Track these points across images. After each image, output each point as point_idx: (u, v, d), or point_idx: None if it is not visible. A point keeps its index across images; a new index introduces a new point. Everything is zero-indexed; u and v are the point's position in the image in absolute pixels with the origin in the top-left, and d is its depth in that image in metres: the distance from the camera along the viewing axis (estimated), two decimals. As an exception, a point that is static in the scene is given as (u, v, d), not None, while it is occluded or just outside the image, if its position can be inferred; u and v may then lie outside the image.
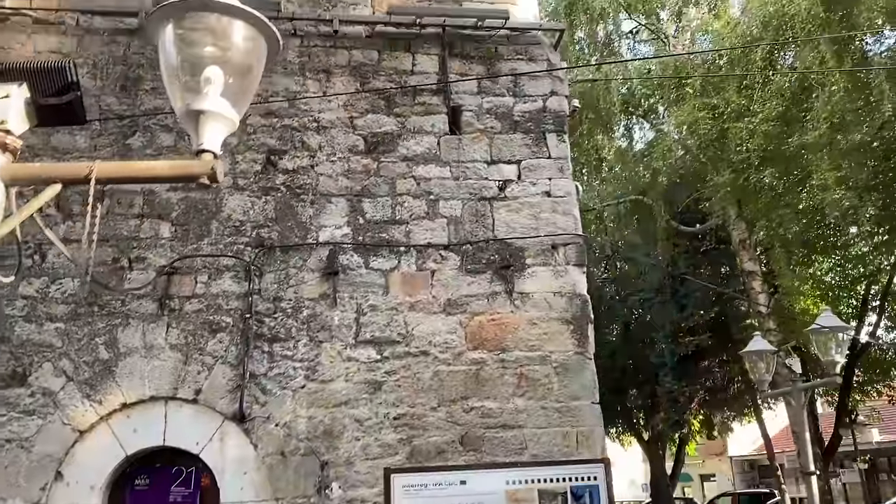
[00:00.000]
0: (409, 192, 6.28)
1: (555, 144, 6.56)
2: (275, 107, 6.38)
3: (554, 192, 6.42)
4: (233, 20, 2.86)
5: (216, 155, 2.74)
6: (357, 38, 6.72)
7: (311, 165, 6.26)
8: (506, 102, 6.66)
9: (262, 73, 3.07)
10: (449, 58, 6.71)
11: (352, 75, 6.58)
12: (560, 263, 6.21)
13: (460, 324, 5.95)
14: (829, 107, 11.31)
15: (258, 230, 6.04)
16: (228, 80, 2.90)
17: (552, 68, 6.76)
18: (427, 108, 6.55)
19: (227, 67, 2.93)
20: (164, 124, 6.23)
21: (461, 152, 6.45)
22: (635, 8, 17.73)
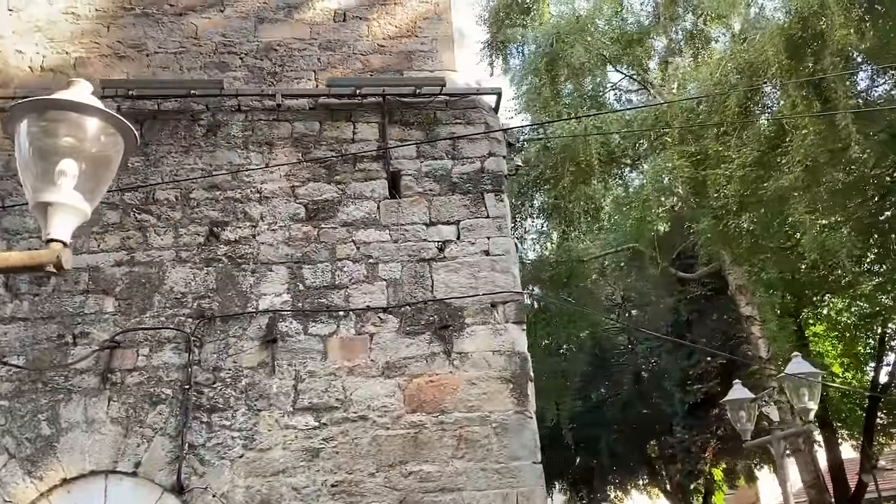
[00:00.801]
0: (349, 257, 6.38)
1: (493, 204, 6.65)
2: (218, 180, 6.58)
3: (493, 250, 6.49)
4: (89, 117, 3.05)
5: (65, 244, 2.88)
6: (300, 111, 6.94)
7: (252, 235, 6.42)
8: (444, 165, 6.80)
9: (118, 165, 3.24)
10: (389, 125, 6.89)
11: (294, 146, 6.77)
12: (499, 322, 6.24)
13: (399, 386, 5.98)
14: (802, 150, 11.33)
15: (199, 301, 6.17)
16: (83, 172, 3.06)
17: (489, 130, 6.91)
18: (367, 175, 6.71)
19: (83, 160, 3.10)
20: (111, 202, 6.43)
21: (401, 215, 6.57)
22: (619, 60, 18.03)
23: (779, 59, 11.62)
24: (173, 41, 7.25)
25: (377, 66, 7.26)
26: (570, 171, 14.84)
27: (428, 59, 7.32)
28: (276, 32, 7.34)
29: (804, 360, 8.39)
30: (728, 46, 15.23)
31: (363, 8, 7.50)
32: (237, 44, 7.26)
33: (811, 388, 8.11)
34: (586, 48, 15.44)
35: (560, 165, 14.73)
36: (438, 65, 7.28)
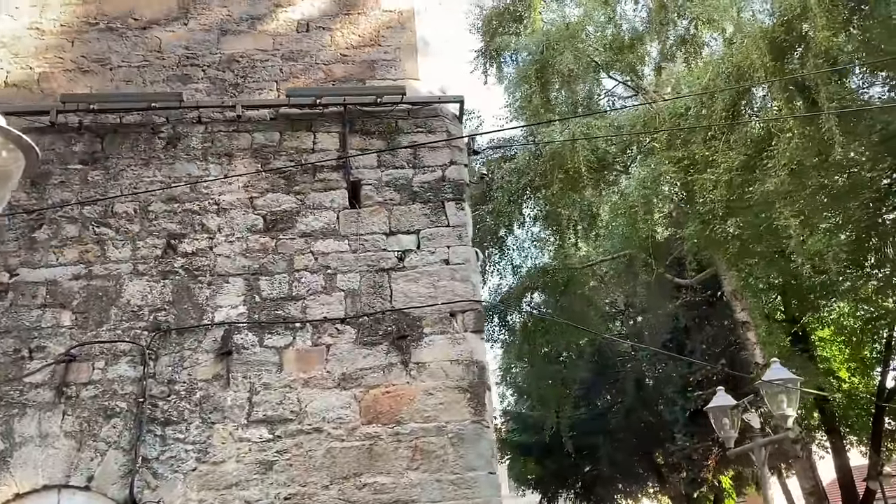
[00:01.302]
0: (307, 268, 6.35)
1: (453, 213, 6.60)
2: (177, 192, 6.57)
3: (452, 259, 6.43)
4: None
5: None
6: (260, 122, 6.93)
7: (209, 247, 6.40)
8: (405, 174, 6.76)
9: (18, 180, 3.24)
10: (350, 134, 6.86)
11: (253, 157, 6.76)
12: (458, 331, 6.18)
13: (355, 398, 5.92)
14: (787, 153, 11.21)
15: (155, 314, 6.15)
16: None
17: (451, 138, 6.86)
18: (327, 185, 6.68)
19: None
20: (70, 216, 6.46)
21: (360, 225, 6.53)
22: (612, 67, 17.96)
23: (763, 63, 11.53)
24: (137, 55, 7.27)
25: (339, 76, 7.25)
26: (559, 178, 14.77)
27: (391, 67, 7.30)
28: (239, 44, 7.35)
29: (782, 367, 8.25)
30: (719, 51, 15.12)
31: (326, 18, 7.50)
32: (200, 56, 7.28)
33: (789, 394, 7.97)
34: (576, 55, 15.37)
35: (549, 172, 14.66)
36: (401, 73, 7.26)
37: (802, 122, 11.46)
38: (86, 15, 7.40)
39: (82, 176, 6.61)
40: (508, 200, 15.24)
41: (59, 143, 6.72)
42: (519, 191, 15.32)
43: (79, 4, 7.44)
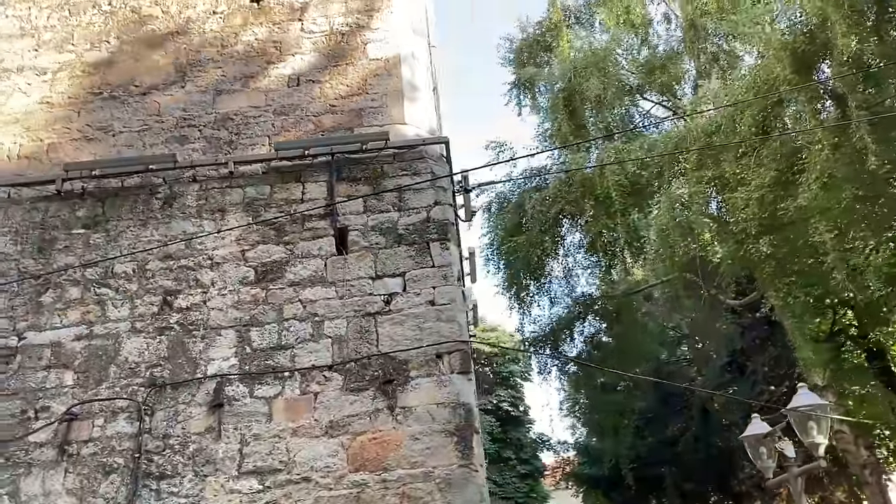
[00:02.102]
0: (296, 317, 6.44)
1: (438, 253, 6.60)
2: (173, 249, 6.79)
3: (438, 300, 6.41)
4: None
5: None
6: (253, 176, 7.12)
7: (203, 301, 6.57)
8: (391, 217, 6.81)
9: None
10: (337, 182, 6.97)
11: (245, 211, 6.94)
12: (444, 373, 6.13)
13: (342, 445, 5.93)
14: (818, 166, 10.79)
15: (152, 370, 6.33)
16: None
17: (435, 177, 6.89)
18: (315, 233, 6.79)
19: None
20: (73, 279, 6.75)
21: (347, 271, 6.60)
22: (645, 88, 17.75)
23: (785, 76, 11.19)
24: (138, 119, 7.60)
25: (329, 126, 7.40)
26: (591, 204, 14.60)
27: (378, 114, 7.40)
28: (233, 103, 7.60)
29: (811, 392, 7.84)
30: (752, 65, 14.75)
31: (316, 71, 7.68)
32: (196, 117, 7.55)
33: (819, 421, 7.54)
34: (603, 80, 15.26)
35: (580, 199, 14.50)
36: (388, 119, 7.35)
37: (833, 133, 11.04)
38: (91, 85, 7.80)
39: (85, 240, 6.92)
40: (540, 230, 15.09)
41: (64, 210, 7.07)
42: (551, 220, 15.16)
43: (85, 76, 7.85)
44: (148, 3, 8.24)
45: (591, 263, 19.17)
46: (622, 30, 17.26)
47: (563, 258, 17.84)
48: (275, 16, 8.03)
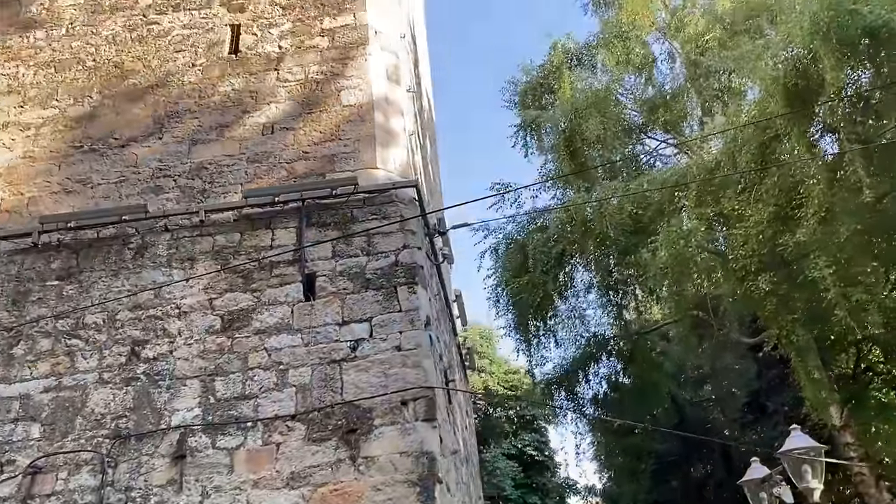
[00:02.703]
0: (260, 365, 6.38)
1: (405, 297, 6.52)
2: (142, 299, 6.81)
3: (404, 345, 6.31)
4: None
5: None
6: (224, 224, 7.15)
7: (170, 351, 6.54)
8: (359, 262, 6.76)
9: None
10: (307, 228, 6.97)
11: (214, 259, 6.95)
12: (409, 420, 5.99)
13: (303, 498, 5.79)
14: (815, 200, 10.58)
15: (117, 421, 6.29)
16: None
17: (404, 219, 6.85)
18: (283, 280, 6.76)
19: None
20: (45, 330, 6.78)
21: (313, 317, 6.54)
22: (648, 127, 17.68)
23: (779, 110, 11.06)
24: (115, 171, 7.71)
25: (301, 172, 7.43)
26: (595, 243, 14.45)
27: (350, 159, 7.43)
28: (208, 152, 7.68)
29: (804, 434, 7.53)
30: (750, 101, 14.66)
31: (290, 119, 7.75)
32: (172, 167, 7.64)
33: (814, 465, 7.24)
34: (602, 121, 15.22)
35: (582, 239, 14.37)
36: (360, 164, 7.37)
37: (828, 166, 10.85)
38: (73, 139, 7.96)
39: (58, 291, 6.97)
40: (543, 270, 14.93)
41: (39, 262, 7.14)
42: (553, 260, 15.01)
43: (67, 130, 8.02)
44: (130, 58, 8.43)
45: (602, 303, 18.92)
46: (623, 70, 17.26)
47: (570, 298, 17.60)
48: (252, 66, 8.15)
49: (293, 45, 8.20)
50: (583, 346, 18.98)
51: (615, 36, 17.84)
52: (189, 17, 8.58)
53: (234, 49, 8.31)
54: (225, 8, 8.59)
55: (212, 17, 8.55)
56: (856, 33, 10.61)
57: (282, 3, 8.49)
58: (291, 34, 8.27)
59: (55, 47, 8.57)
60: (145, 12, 8.71)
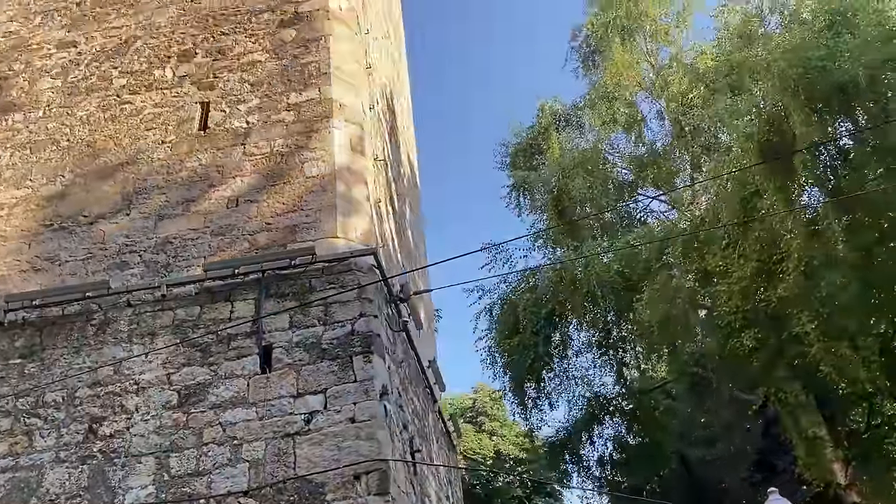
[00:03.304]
0: (215, 441, 6.33)
1: (361, 367, 6.49)
2: (102, 375, 6.82)
3: (358, 416, 6.25)
4: None
5: None
6: (185, 297, 7.20)
7: (127, 427, 6.52)
8: (316, 332, 6.76)
9: None
10: (265, 299, 7.00)
11: (174, 333, 6.98)
12: (361, 495, 5.90)
13: (252, 577, 5.67)
14: (795, 255, 10.53)
15: (71, 501, 6.23)
16: None
17: (361, 286, 6.87)
18: (240, 352, 6.76)
19: None
20: (5, 410, 6.80)
21: (269, 390, 6.52)
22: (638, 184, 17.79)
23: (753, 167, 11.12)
24: (83, 248, 7.83)
25: (263, 244, 7.50)
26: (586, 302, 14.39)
27: (311, 229, 7.50)
28: (174, 226, 7.80)
29: (781, 498, 7.32)
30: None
31: (254, 191, 7.87)
32: (138, 242, 7.75)
33: (793, 530, 7.00)
34: (587, 180, 15.36)
35: (571, 298, 14.32)
36: (321, 233, 7.43)
37: (807, 220, 10.82)
38: (44, 218, 8.11)
39: (20, 369, 7.01)
40: (533, 331, 14.84)
41: (3, 341, 7.20)
42: (542, 320, 14.93)
43: (39, 209, 8.18)
44: (103, 136, 8.65)
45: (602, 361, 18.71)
46: (610, 129, 17.50)
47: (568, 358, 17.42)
48: (219, 141, 8.33)
49: (260, 119, 8.38)
50: (584, 407, 18.74)
51: (601, 96, 18.14)
52: (161, 96, 8.82)
53: (203, 125, 8.50)
54: (195, 86, 8.82)
55: (182, 95, 8.78)
56: (827, 88, 10.74)
57: (250, 80, 8.72)
58: (259, 109, 8.46)
59: (32, 129, 8.82)
60: (119, 92, 8.97)
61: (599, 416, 19.08)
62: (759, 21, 16.39)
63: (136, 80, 9.07)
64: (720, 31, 17.03)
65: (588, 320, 15.22)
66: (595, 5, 20.02)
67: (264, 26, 9.18)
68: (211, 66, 8.98)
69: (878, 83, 10.21)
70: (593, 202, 15.60)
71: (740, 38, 16.06)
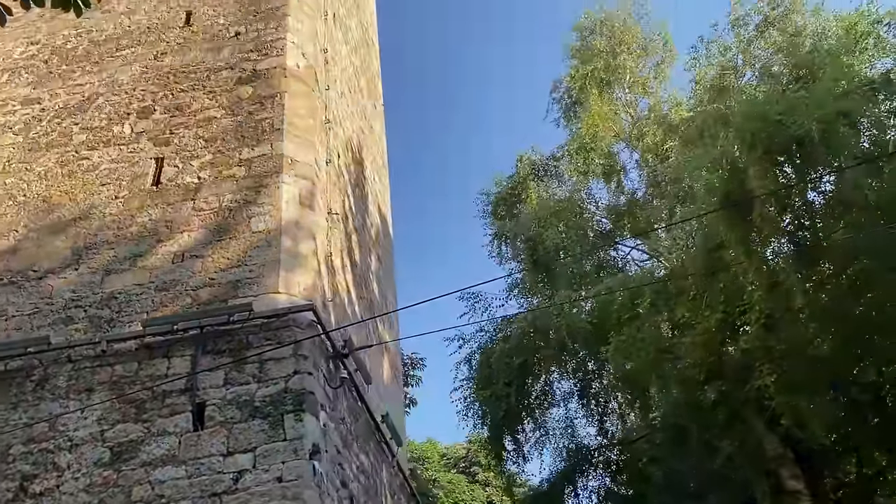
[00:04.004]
0: (143, 499, 6.28)
1: (291, 426, 6.46)
2: (37, 432, 6.81)
3: (286, 476, 6.20)
4: None
5: None
6: (126, 353, 7.22)
7: (57, 486, 6.48)
8: (249, 390, 6.76)
9: None
10: (203, 355, 7.01)
11: (111, 389, 6.98)
12: (284, 556, 5.82)
13: None
14: (757, 307, 10.52)
15: (-5, 561, 6.17)
16: None
17: (296, 341, 6.88)
18: (173, 409, 6.75)
19: None
20: (-62, 466, 6.75)
21: (199, 448, 6.48)
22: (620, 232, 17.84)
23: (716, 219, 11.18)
24: (30, 303, 7.88)
25: (205, 299, 7.54)
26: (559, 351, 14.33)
27: (254, 284, 7.55)
28: (120, 281, 7.86)
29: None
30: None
31: (200, 246, 7.95)
32: (84, 297, 7.81)
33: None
34: (560, 230, 15.44)
35: (545, 349, 14.28)
36: (262, 289, 7.48)
37: (768, 273, 10.82)
38: (-6, 273, 8.19)
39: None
40: (505, 383, 14.73)
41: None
42: (514, 371, 14.82)
43: (-11, 265, 8.26)
44: (59, 192, 8.78)
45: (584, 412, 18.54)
46: (585, 180, 17.66)
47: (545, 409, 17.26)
48: (170, 197, 8.45)
49: (212, 175, 8.51)
50: (567, 459, 18.49)
51: (579, 147, 18.32)
52: (118, 152, 8.98)
53: (156, 181, 8.63)
54: (152, 142, 8.98)
55: (139, 150, 8.94)
56: (785, 142, 10.86)
57: (205, 136, 8.87)
58: (211, 165, 8.60)
59: (-9, 185, 8.97)
60: (78, 148, 9.14)
61: (583, 468, 18.82)
62: (733, 74, 16.67)
63: (96, 136, 9.24)
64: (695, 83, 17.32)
65: (569, 370, 15.14)
66: (575, 58, 20.40)
67: (223, 84, 9.38)
68: (168, 122, 9.16)
69: (832, 136, 10.32)
70: (567, 252, 15.61)
71: (712, 90, 16.32)
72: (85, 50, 10.37)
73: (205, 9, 10.42)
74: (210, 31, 10.07)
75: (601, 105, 18.38)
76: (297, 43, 9.66)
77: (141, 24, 10.48)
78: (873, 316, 10.36)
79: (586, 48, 20.09)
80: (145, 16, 10.59)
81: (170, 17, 10.48)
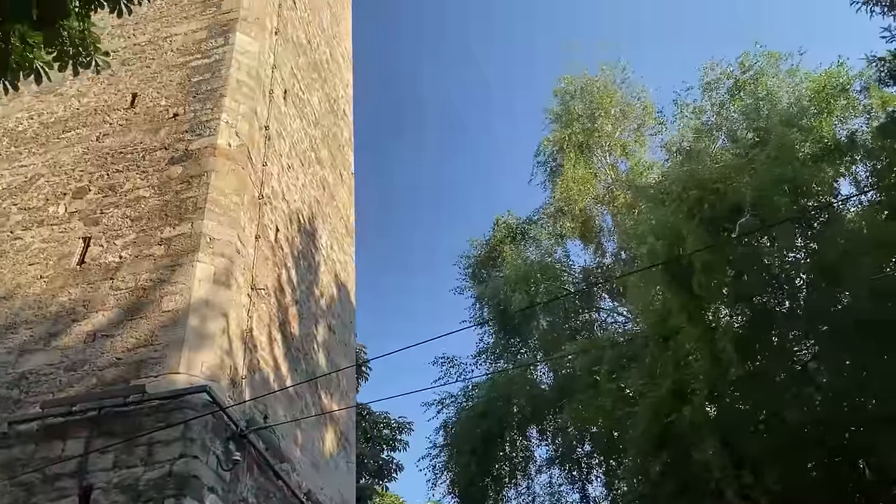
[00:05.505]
0: (18, 587, 6.26)
1: (170, 512, 6.44)
2: (-71, 519, 6.85)
3: (158, 565, 6.15)
4: None
5: None
6: (28, 434, 7.29)
7: (-62, 573, 6.49)
8: (135, 473, 6.76)
9: None
10: (97, 437, 7.05)
11: (5, 472, 7.02)
12: None
13: None
14: (701, 377, 10.36)
15: None
16: None
17: (184, 421, 6.90)
18: (62, 493, 6.77)
19: None
20: None
21: (80, 534, 6.47)
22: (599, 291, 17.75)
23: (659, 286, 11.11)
24: (-53, 387, 8.01)
25: (109, 380, 7.62)
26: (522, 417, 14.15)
27: (157, 364, 7.61)
28: (33, 361, 7.99)
29: None
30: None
31: (112, 326, 8.07)
32: (-3, 377, 7.93)
33: None
34: (527, 295, 15.41)
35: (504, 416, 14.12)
36: (165, 369, 7.54)
37: (709, 343, 10.67)
38: (-82, 353, 8.36)
39: None
40: (472, 451, 14.54)
41: None
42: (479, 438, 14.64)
43: (-85, 345, 8.44)
44: (-10, 272, 9.01)
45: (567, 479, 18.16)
46: (559, 242, 17.70)
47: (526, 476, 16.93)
48: (91, 276, 8.62)
49: (132, 254, 8.69)
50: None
51: (555, 211, 18.42)
52: (49, 232, 9.24)
53: (81, 260, 8.83)
54: (82, 222, 9.23)
55: (69, 230, 9.19)
56: (723, 209, 10.85)
57: (132, 216, 9.09)
58: (133, 244, 8.79)
59: (-74, 266, 9.23)
60: (13, 228, 9.42)
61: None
62: (709, 137, 16.71)
63: (31, 216, 9.52)
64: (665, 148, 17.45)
65: (553, 435, 14.92)
66: (556, 122, 20.66)
67: (156, 164, 9.65)
68: (101, 201, 9.42)
69: (766, 202, 10.29)
70: (534, 316, 15.56)
71: (680, 153, 16.39)
72: (34, 132, 10.77)
73: (150, 91, 10.79)
74: (151, 113, 10.41)
75: (576, 169, 18.52)
76: (231, 122, 9.92)
77: (89, 107, 10.88)
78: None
79: (566, 112, 20.38)
80: (94, 98, 10.99)
81: (116, 98, 10.87)
